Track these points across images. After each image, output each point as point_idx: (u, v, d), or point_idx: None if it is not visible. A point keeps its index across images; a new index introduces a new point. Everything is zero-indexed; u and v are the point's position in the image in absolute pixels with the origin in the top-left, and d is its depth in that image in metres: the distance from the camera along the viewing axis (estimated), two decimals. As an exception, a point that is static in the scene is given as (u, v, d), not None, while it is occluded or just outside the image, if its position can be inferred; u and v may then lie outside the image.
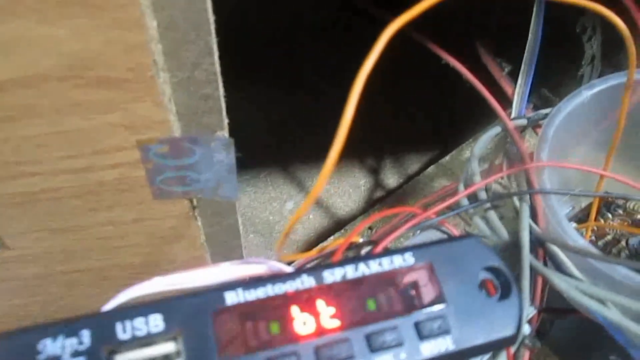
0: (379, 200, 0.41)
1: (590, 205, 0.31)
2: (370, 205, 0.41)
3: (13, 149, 0.21)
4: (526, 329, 0.23)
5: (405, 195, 0.39)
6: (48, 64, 0.18)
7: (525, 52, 0.31)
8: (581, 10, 0.39)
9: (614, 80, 0.26)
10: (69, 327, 0.14)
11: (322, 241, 0.39)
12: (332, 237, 0.38)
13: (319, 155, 0.44)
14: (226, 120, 0.23)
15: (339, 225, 0.40)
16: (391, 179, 0.43)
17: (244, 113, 0.24)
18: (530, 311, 0.22)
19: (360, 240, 0.25)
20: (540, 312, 0.26)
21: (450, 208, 0.23)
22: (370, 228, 0.34)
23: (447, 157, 0.40)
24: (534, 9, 0.31)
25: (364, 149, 0.37)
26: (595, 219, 0.28)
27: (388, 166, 0.43)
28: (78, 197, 0.23)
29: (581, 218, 0.30)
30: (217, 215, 0.27)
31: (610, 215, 0.30)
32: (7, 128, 0.20)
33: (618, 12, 0.23)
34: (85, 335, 0.14)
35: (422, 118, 0.44)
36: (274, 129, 0.44)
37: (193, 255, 0.29)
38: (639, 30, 0.25)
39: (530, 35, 0.31)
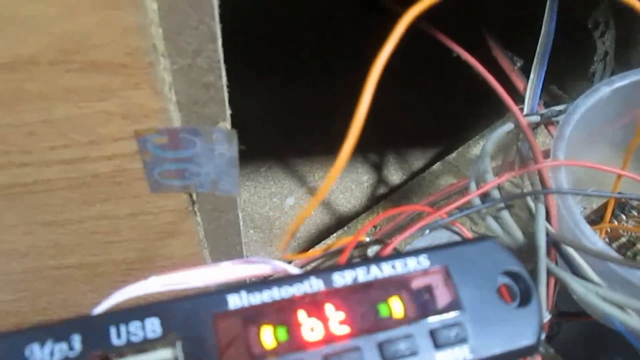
0: (382, 197, 0.40)
1: (601, 207, 0.30)
2: (374, 202, 0.40)
3: (4, 137, 0.19)
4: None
5: (409, 192, 0.38)
6: (38, 45, 0.17)
7: (538, 46, 0.30)
8: (593, 4, 0.38)
9: (634, 76, 0.25)
10: (58, 330, 0.13)
11: (323, 238, 0.38)
12: (334, 235, 0.37)
13: (320, 149, 0.42)
14: (229, 111, 0.22)
15: (341, 222, 0.39)
16: (395, 176, 0.42)
17: (244, 106, 0.23)
18: (545, 316, 0.21)
19: (367, 239, 0.24)
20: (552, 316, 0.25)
21: (460, 207, 0.22)
22: (374, 226, 0.33)
23: (454, 154, 0.39)
24: (547, 2, 0.30)
25: (367, 145, 0.36)
26: (609, 221, 0.27)
27: (392, 162, 0.42)
28: (71, 190, 0.22)
29: (593, 219, 0.29)
30: (216, 211, 0.26)
31: (624, 217, 0.29)
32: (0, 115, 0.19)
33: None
34: (76, 340, 0.13)
35: (427, 113, 0.43)
36: (274, 122, 0.43)
37: (191, 252, 0.28)
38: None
39: (543, 29, 0.30)
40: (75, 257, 0.26)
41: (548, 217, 0.23)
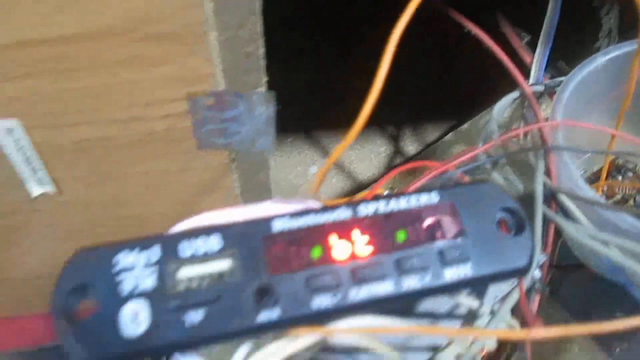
0: (398, 165, 0.43)
1: (599, 170, 0.32)
2: (390, 170, 0.43)
3: (75, 98, 0.23)
4: (537, 274, 0.25)
5: (424, 160, 0.40)
6: (113, 18, 0.20)
7: (545, 22, 0.32)
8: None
9: (628, 47, 0.27)
10: (142, 243, 0.17)
11: (344, 203, 0.41)
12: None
13: (341, 122, 0.46)
14: (265, 78, 0.25)
15: (360, 188, 0.42)
16: (410, 147, 0.45)
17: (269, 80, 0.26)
18: (541, 258, 0.24)
19: (384, 193, 0.27)
20: (551, 266, 0.28)
21: (467, 162, 0.25)
22: (391, 189, 0.36)
23: (466, 125, 0.41)
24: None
25: (385, 117, 0.39)
26: (605, 179, 0.30)
27: (407, 134, 0.45)
28: (130, 146, 0.25)
29: (593, 180, 0.32)
30: (251, 170, 0.29)
31: (620, 178, 0.31)
32: (71, 78, 0.22)
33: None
34: (156, 250, 0.17)
35: (441, 88, 0.46)
36: (298, 96, 0.46)
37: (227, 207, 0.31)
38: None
39: (549, 4, 0.32)
40: (129, 209, 0.29)
41: (548, 174, 0.25)
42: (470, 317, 0.23)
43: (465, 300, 0.21)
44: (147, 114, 0.24)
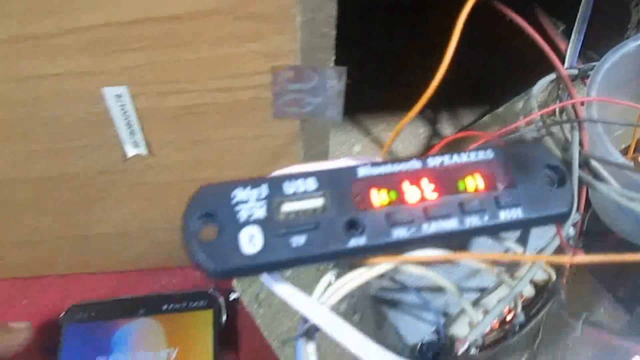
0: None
1: (628, 147, 0.36)
2: (429, 150, 0.46)
3: (178, 69, 0.27)
4: (571, 231, 0.28)
5: (471, 131, 0.44)
6: (218, 1, 0.24)
7: (579, 12, 0.36)
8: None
9: (656, 34, 0.30)
10: (254, 182, 0.20)
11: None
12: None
13: (382, 104, 0.49)
14: (334, 57, 0.28)
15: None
16: (447, 129, 0.48)
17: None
18: (575, 217, 0.28)
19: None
20: (580, 233, 0.32)
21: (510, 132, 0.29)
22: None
23: (501, 109, 0.45)
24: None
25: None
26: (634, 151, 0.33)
27: (445, 117, 0.49)
28: (218, 113, 0.29)
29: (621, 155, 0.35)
30: (315, 139, 0.33)
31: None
32: (178, 52, 0.26)
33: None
34: (264, 188, 0.20)
35: (478, 74, 0.49)
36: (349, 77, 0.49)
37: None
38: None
39: (583, -1, 0.36)
40: (206, 172, 0.33)
41: (581, 143, 0.29)
42: (514, 265, 0.26)
43: (513, 246, 0.25)
44: (236, 85, 0.28)
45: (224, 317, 0.39)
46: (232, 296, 0.41)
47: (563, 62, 0.37)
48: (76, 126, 0.29)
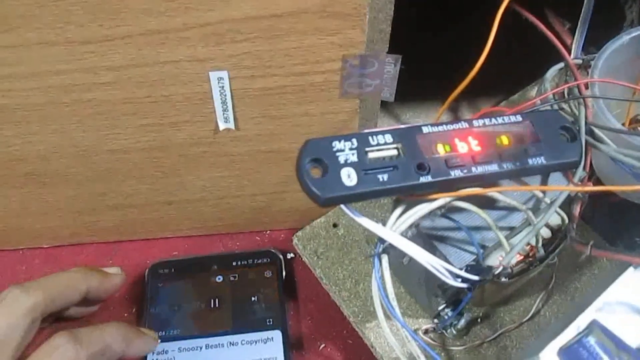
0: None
1: (623, 124, 0.43)
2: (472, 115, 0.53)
3: (270, 56, 0.34)
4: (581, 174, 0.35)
5: (495, 107, 0.51)
6: (310, 3, 0.31)
7: (582, 12, 0.43)
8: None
9: (647, 28, 0.38)
10: (347, 137, 0.27)
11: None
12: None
13: (410, 94, 0.55)
14: (387, 47, 0.35)
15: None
16: (466, 115, 0.55)
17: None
18: (582, 174, 0.35)
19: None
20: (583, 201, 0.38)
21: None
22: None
23: (516, 96, 0.52)
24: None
25: (443, 88, 0.48)
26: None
27: (463, 104, 0.56)
28: (294, 93, 0.36)
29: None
30: (368, 116, 0.40)
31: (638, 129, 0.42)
32: (273, 43, 0.33)
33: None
34: (354, 141, 0.27)
35: (495, 65, 0.56)
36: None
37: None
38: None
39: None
40: (278, 144, 0.40)
41: (586, 116, 0.36)
42: (535, 209, 0.33)
43: (537, 193, 0.32)
44: (314, 70, 0.35)
45: (284, 273, 0.46)
46: (289, 255, 0.48)
47: (570, 54, 0.44)
48: (182, 104, 0.36)
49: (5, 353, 0.30)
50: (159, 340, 0.40)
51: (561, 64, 0.41)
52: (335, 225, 0.44)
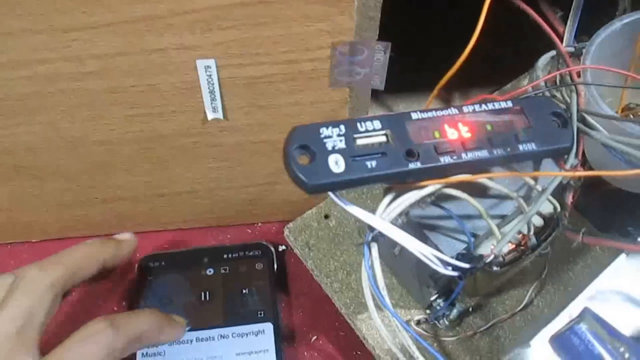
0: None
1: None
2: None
3: (258, 44, 0.33)
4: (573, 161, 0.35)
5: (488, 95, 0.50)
6: (298, -12, 0.30)
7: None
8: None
9: (637, 15, 0.37)
10: (334, 123, 0.27)
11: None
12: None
13: (403, 85, 0.55)
14: (377, 35, 0.35)
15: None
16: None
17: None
18: (574, 162, 0.34)
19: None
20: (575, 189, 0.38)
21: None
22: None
23: (508, 85, 0.51)
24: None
25: (436, 80, 0.48)
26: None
27: (456, 94, 0.55)
28: (283, 82, 0.36)
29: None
30: (359, 105, 0.39)
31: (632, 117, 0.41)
32: (260, 30, 0.32)
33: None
34: (342, 127, 0.27)
35: (489, 55, 0.56)
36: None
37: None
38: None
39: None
40: (268, 134, 0.40)
41: (578, 102, 0.36)
42: (527, 197, 0.33)
43: (529, 180, 0.32)
44: (302, 57, 0.34)
45: (275, 266, 0.46)
46: (281, 248, 0.47)
47: (562, 42, 0.44)
48: (169, 93, 0.36)
49: (30, 334, 0.30)
50: (188, 327, 0.39)
51: (553, 52, 0.41)
52: (326, 217, 0.44)
